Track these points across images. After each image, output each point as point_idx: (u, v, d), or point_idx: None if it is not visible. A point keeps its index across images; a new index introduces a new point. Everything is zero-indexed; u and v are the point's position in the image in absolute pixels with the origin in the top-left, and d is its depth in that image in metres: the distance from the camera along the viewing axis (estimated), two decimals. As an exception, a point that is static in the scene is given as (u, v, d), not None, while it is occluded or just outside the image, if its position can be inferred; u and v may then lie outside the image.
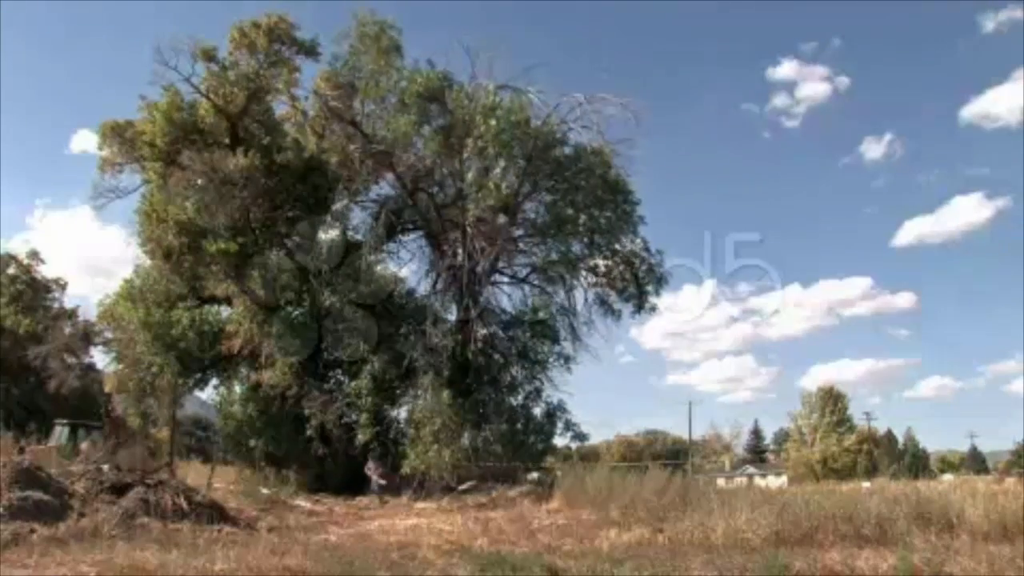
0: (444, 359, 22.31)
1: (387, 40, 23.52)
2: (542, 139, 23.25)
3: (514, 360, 24.82)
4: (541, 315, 25.26)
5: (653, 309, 26.07)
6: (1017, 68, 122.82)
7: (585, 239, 25.00)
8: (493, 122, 21.49)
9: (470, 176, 22.75)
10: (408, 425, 23.06)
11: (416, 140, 23.24)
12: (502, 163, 23.26)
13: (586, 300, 25.72)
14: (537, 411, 24.93)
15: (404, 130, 22.36)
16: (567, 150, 24.24)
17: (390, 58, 23.43)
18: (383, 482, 22.46)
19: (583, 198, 24.07)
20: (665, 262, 25.59)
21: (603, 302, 25.71)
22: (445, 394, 21.54)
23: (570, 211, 24.42)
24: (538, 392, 24.90)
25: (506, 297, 26.12)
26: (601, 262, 25.66)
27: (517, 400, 24.80)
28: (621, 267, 25.54)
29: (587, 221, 24.45)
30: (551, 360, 24.93)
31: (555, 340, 25.04)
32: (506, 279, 26.24)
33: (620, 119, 23.57)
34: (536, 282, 25.88)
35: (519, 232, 25.40)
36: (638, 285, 25.40)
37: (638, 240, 25.35)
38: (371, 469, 22.93)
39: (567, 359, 25.02)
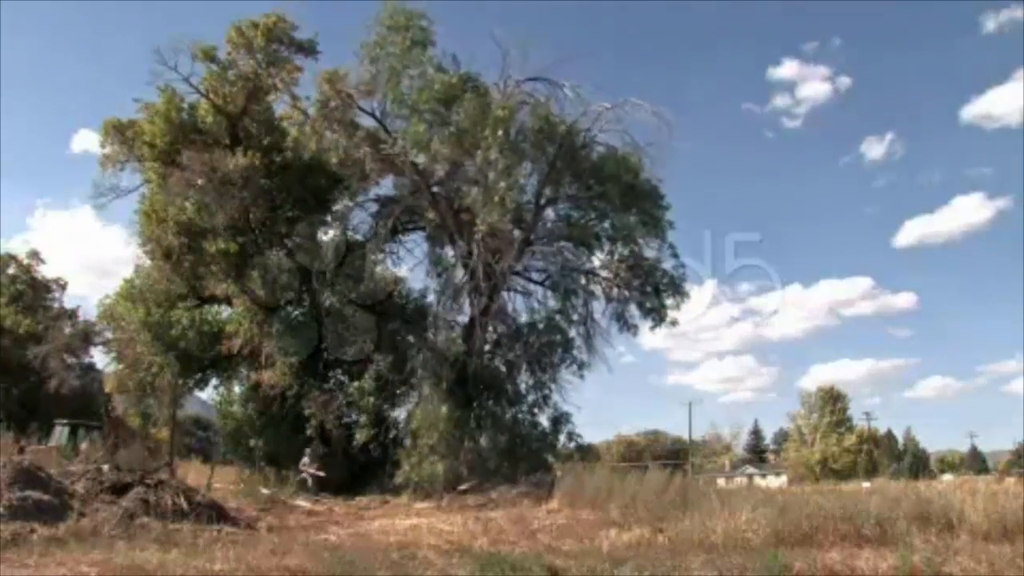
0: (446, 366, 21.84)
1: (416, 32, 22.46)
2: (567, 142, 22.34)
3: (522, 368, 24.09)
4: (557, 320, 24.29)
5: (674, 323, 24.54)
6: (1017, 68, 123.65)
7: (606, 246, 24.09)
8: (501, 132, 20.67)
9: (488, 180, 21.36)
10: (407, 429, 22.58)
11: (432, 141, 22.02)
12: (522, 169, 22.30)
13: (604, 311, 24.45)
14: (542, 419, 24.05)
15: (419, 134, 21.58)
16: (593, 155, 23.29)
17: (416, 53, 22.39)
18: (313, 470, 22.00)
19: (607, 204, 23.16)
20: (679, 269, 24.20)
21: (619, 316, 24.43)
22: (444, 408, 21.05)
23: (593, 216, 23.72)
24: (545, 399, 24.02)
25: (520, 301, 25.23)
26: (622, 272, 24.22)
27: (521, 410, 23.91)
28: (642, 278, 24.19)
29: (610, 228, 23.64)
30: (563, 367, 24.08)
31: (567, 349, 24.20)
32: (519, 285, 25.18)
33: (649, 124, 22.63)
34: (551, 288, 24.70)
35: (537, 237, 24.23)
36: (658, 296, 24.09)
37: (665, 247, 24.13)
38: (305, 465, 22.35)
39: (581, 365, 24.11)
